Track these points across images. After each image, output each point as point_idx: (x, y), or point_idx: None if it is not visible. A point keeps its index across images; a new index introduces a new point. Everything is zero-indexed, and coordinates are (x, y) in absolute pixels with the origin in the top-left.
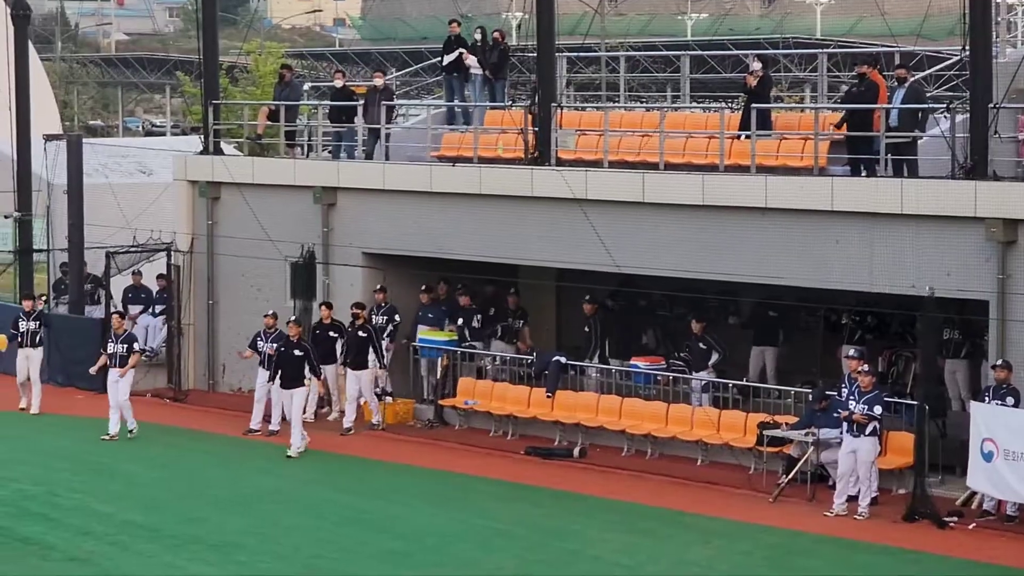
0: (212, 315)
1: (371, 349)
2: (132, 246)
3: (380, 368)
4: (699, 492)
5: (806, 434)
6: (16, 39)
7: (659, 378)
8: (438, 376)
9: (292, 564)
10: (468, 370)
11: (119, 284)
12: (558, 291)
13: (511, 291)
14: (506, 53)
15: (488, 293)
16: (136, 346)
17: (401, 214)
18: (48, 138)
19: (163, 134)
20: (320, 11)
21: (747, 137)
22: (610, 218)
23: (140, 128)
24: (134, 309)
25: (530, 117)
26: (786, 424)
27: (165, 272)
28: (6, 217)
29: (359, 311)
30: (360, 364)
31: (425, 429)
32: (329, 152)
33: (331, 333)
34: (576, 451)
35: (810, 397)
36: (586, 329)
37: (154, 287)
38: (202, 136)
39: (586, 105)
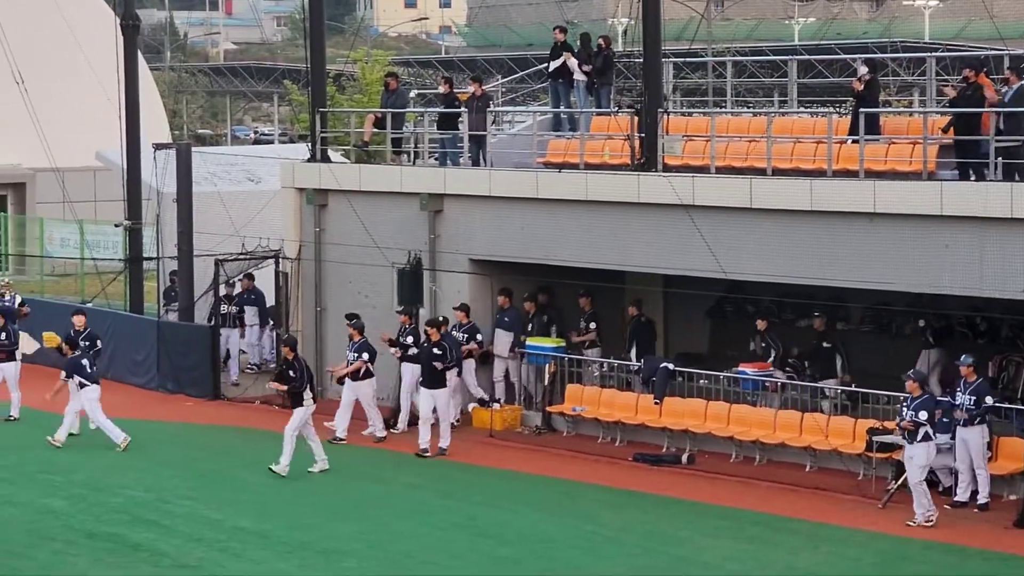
0: (320, 322)
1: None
2: (241, 254)
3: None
4: (808, 498)
5: None
6: (126, 49)
7: (767, 384)
8: (546, 382)
9: (401, 570)
10: (575, 376)
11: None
12: (665, 297)
13: (581, 292)
14: (610, 59)
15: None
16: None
17: (507, 220)
18: (158, 147)
19: (271, 142)
20: (426, 19)
21: (855, 142)
22: (717, 224)
23: (249, 136)
24: (249, 311)
25: (636, 123)
26: (896, 430)
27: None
28: (116, 226)
29: (432, 329)
30: (435, 383)
31: (533, 435)
32: (435, 159)
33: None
34: (684, 457)
35: None
36: (763, 345)
37: (265, 291)
38: (309, 144)
39: (693, 110)
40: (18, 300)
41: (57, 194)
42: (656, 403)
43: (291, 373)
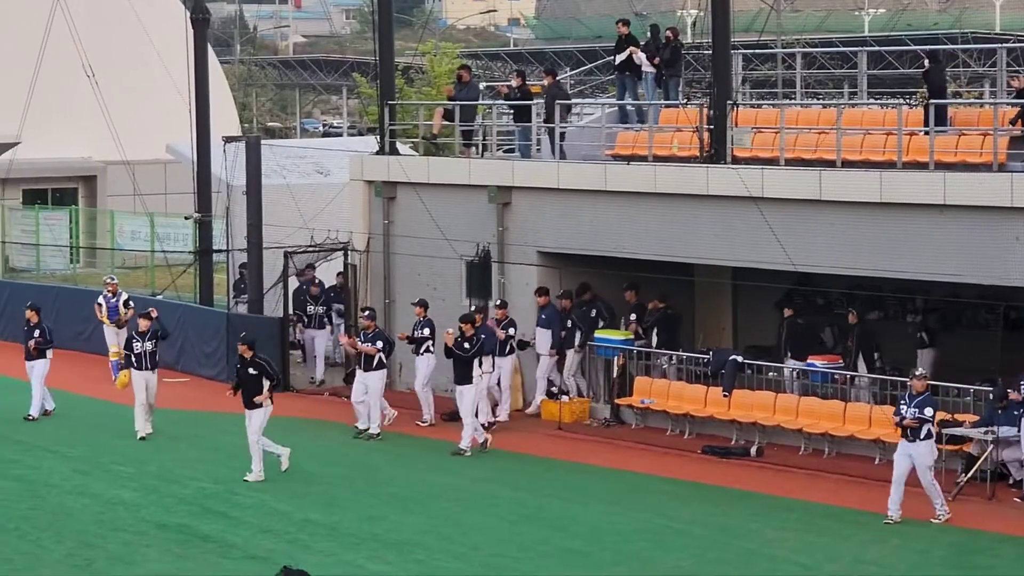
0: (388, 314)
1: (477, 364)
2: (310, 246)
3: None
4: (877, 491)
5: (986, 432)
6: (196, 42)
7: (837, 376)
8: (614, 375)
9: (470, 563)
10: (644, 369)
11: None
12: (734, 290)
13: (625, 286)
14: (679, 51)
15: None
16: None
17: (575, 213)
18: (227, 140)
19: (340, 135)
20: (495, 11)
21: (925, 133)
22: (786, 216)
23: (317, 129)
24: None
25: (705, 115)
26: (967, 423)
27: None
28: (186, 218)
29: (466, 324)
30: (465, 379)
31: (601, 428)
32: (504, 151)
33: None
34: (753, 450)
35: (991, 395)
36: (849, 344)
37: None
38: (378, 136)
39: (762, 102)
40: (123, 298)
41: (128, 187)
42: (725, 395)
43: (250, 371)
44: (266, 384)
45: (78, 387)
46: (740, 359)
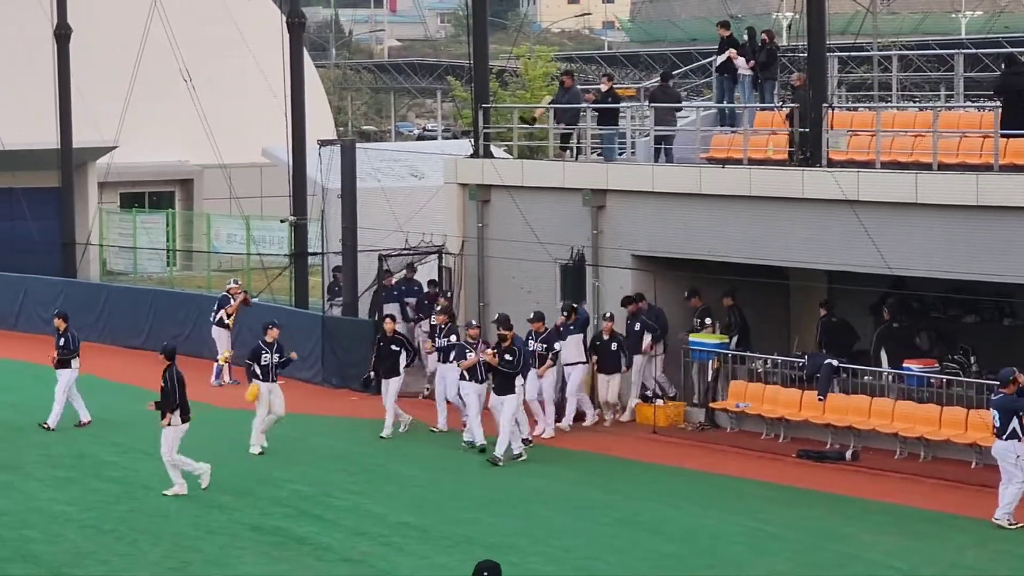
0: (483, 317)
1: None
2: (404, 249)
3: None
4: (973, 495)
5: None
6: (292, 46)
7: (932, 380)
8: (709, 379)
9: (564, 566)
10: (740, 373)
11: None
12: (829, 294)
13: (725, 293)
14: (775, 53)
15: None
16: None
17: (670, 216)
18: (322, 143)
19: (434, 138)
20: (589, 14)
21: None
22: (882, 219)
23: (412, 132)
24: (390, 308)
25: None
26: None
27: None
28: (282, 221)
29: (507, 332)
30: (505, 389)
31: (696, 431)
32: (598, 155)
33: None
34: (848, 454)
35: None
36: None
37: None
38: (472, 140)
39: (858, 105)
40: (239, 298)
41: (224, 190)
42: (820, 399)
43: (162, 384)
44: (403, 359)
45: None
46: (835, 363)
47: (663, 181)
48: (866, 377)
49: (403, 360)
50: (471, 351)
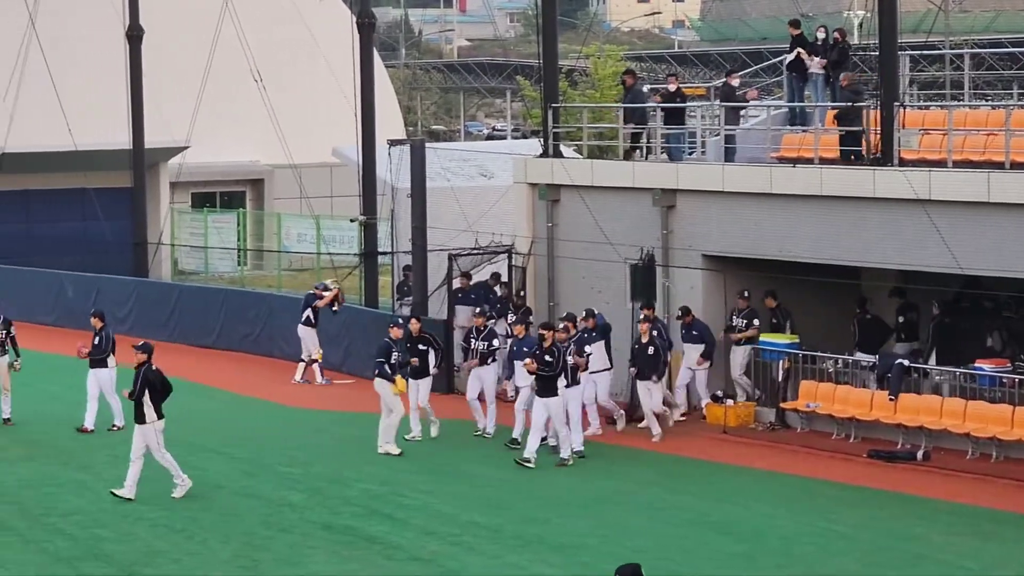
0: (552, 317)
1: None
2: (474, 248)
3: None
4: None
5: None
6: (362, 47)
7: (1005, 380)
8: (779, 379)
9: None
10: (809, 373)
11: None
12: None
13: (738, 293)
14: (846, 52)
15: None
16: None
17: (740, 216)
18: (392, 143)
19: (504, 138)
20: (659, 13)
21: None
22: (954, 219)
23: (482, 132)
24: (462, 310)
25: (872, 117)
26: None
27: (505, 279)
28: (352, 221)
29: (547, 332)
30: (547, 391)
31: (766, 431)
32: (667, 154)
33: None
34: (919, 454)
35: None
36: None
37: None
38: (542, 139)
39: (929, 104)
40: (328, 295)
41: (294, 190)
42: (891, 399)
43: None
44: (432, 359)
45: (245, 388)
46: (907, 363)
47: (733, 181)
48: (937, 377)
49: (432, 360)
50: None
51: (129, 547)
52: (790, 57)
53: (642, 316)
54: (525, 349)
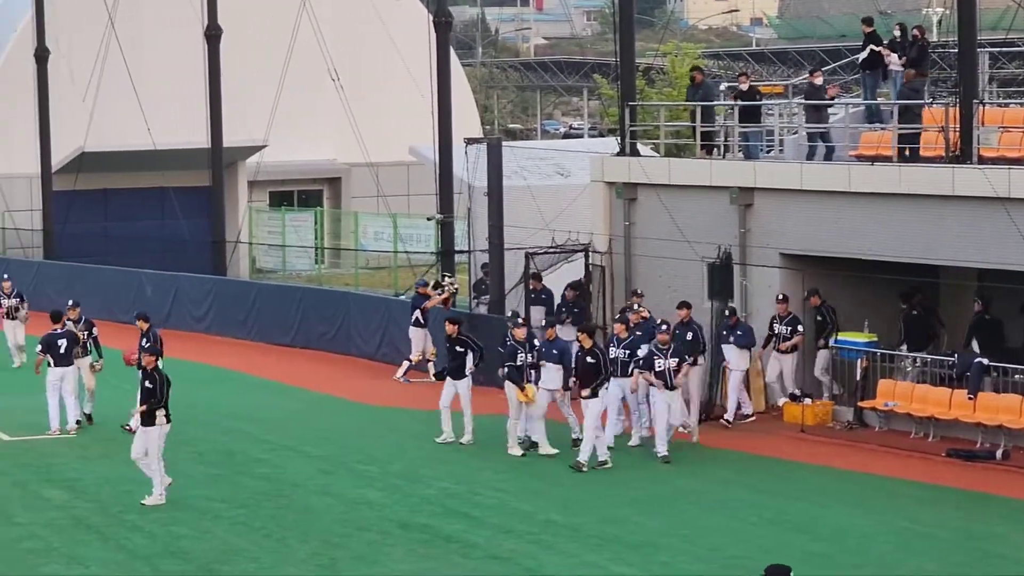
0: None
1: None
2: (550, 247)
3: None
4: None
5: None
6: (438, 46)
7: None
8: (858, 378)
9: (712, 565)
10: (888, 372)
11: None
12: (980, 293)
13: (778, 298)
14: (925, 49)
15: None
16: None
17: (819, 214)
18: (469, 142)
19: (581, 136)
20: (737, 11)
21: None
22: None
23: (558, 131)
24: (536, 312)
25: (952, 114)
26: None
27: (581, 281)
28: (428, 219)
29: (584, 335)
30: (595, 392)
31: (844, 430)
32: (743, 153)
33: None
34: (999, 453)
35: None
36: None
37: (556, 291)
38: (619, 138)
39: (1009, 101)
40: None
41: (371, 188)
42: (970, 398)
43: (147, 384)
44: (470, 358)
45: (322, 386)
46: (986, 362)
47: (812, 179)
48: (1017, 376)
49: (470, 361)
50: (660, 357)
51: (207, 545)
52: (863, 55)
53: (662, 327)
54: (554, 351)
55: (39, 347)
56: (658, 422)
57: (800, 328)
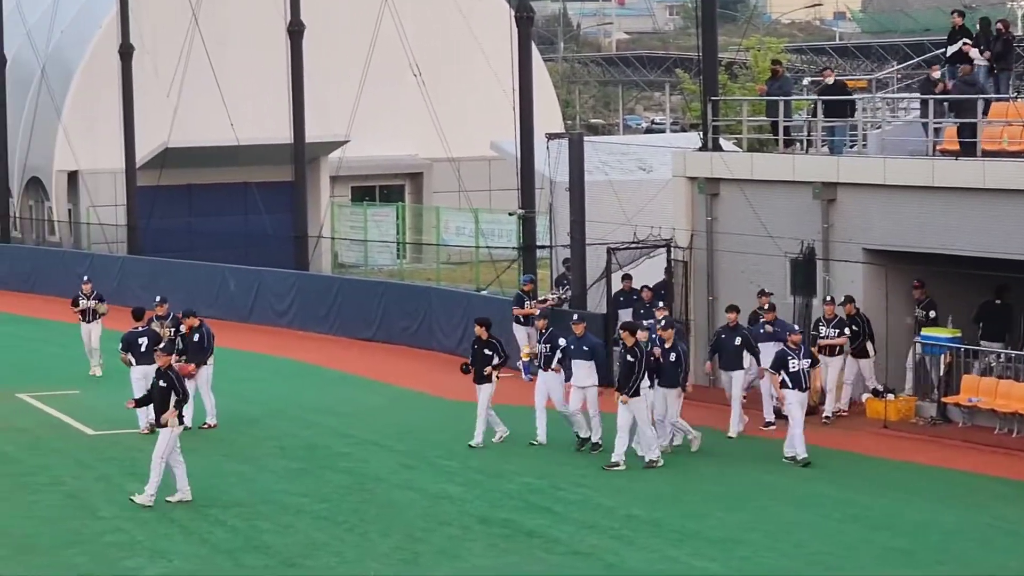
0: (711, 311)
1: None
2: (632, 242)
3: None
4: None
5: None
6: (520, 41)
7: None
8: (941, 373)
9: (795, 560)
10: (970, 367)
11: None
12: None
13: (826, 299)
14: (1010, 43)
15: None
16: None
17: (902, 209)
18: (551, 137)
19: (663, 131)
20: (820, 5)
21: None
22: None
23: (640, 126)
24: (624, 314)
25: None
26: None
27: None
28: (510, 214)
29: (626, 333)
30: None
31: (927, 426)
32: (827, 147)
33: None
34: None
35: None
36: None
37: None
38: (701, 133)
39: None
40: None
41: (453, 183)
42: None
43: (161, 383)
44: (494, 363)
45: (404, 381)
46: None
47: (895, 174)
48: None
49: (494, 363)
50: (793, 357)
51: (289, 539)
52: (953, 48)
53: (662, 321)
54: (585, 348)
55: (120, 345)
56: (794, 425)
57: (846, 330)
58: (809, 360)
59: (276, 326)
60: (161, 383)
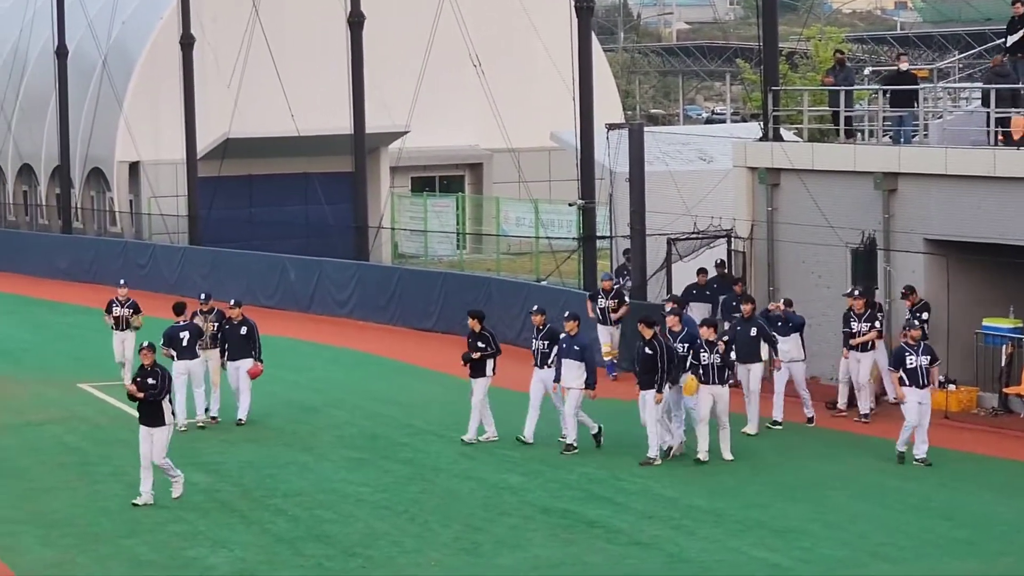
0: (771, 301)
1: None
2: (692, 233)
3: None
4: None
5: None
6: (580, 31)
7: None
8: (1003, 364)
9: (857, 551)
10: None
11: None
12: None
13: (903, 290)
14: None
15: None
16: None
17: (963, 199)
18: (610, 127)
19: (723, 121)
20: None
21: None
22: None
23: (700, 116)
24: (697, 309)
25: None
26: None
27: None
28: (570, 205)
29: (643, 325)
30: (646, 385)
31: (989, 417)
32: (890, 137)
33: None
34: None
35: None
36: None
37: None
38: (762, 123)
39: None
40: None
41: (512, 174)
42: None
43: (150, 380)
44: (489, 364)
45: (463, 371)
46: None
47: (956, 164)
48: None
49: (489, 363)
50: (911, 354)
51: (350, 528)
52: (1013, 38)
53: (668, 309)
54: (576, 348)
55: (162, 341)
56: (921, 423)
57: (877, 324)
58: (928, 357)
59: (336, 316)
60: (151, 380)
